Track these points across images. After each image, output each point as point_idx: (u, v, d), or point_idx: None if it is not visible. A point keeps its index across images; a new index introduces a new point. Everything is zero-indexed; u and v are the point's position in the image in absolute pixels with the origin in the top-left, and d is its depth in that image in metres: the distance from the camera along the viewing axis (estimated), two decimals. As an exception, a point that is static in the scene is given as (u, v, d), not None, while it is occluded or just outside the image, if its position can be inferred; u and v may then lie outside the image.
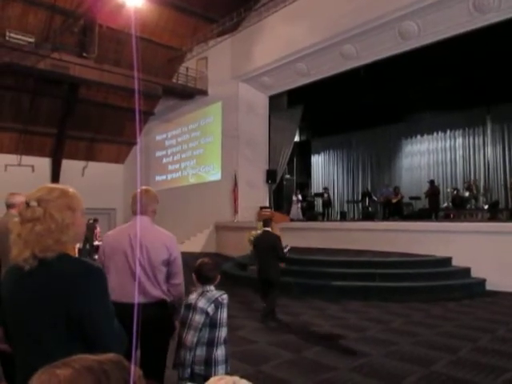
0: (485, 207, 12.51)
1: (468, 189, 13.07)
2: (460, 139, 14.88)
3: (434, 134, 15.46)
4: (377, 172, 17.07)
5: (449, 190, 14.08)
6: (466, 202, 13.02)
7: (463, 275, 7.90)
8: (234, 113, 14.39)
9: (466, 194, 13.07)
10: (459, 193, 13.19)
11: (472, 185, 13.06)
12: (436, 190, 12.87)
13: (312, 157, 19.12)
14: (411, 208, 14.43)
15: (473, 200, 13.05)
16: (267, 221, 6.28)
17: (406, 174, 16.08)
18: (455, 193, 13.18)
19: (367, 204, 15.38)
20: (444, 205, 13.78)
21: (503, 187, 13.55)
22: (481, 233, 8.10)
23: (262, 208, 13.59)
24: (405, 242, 8.99)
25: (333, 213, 16.80)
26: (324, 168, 19.06)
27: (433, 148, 15.53)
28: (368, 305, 6.71)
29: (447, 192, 14.25)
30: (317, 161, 19.22)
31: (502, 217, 11.46)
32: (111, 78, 13.44)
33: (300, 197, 15.06)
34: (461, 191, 13.35)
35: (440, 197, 13.33)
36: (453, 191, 13.41)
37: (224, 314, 2.46)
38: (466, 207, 12.91)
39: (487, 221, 10.28)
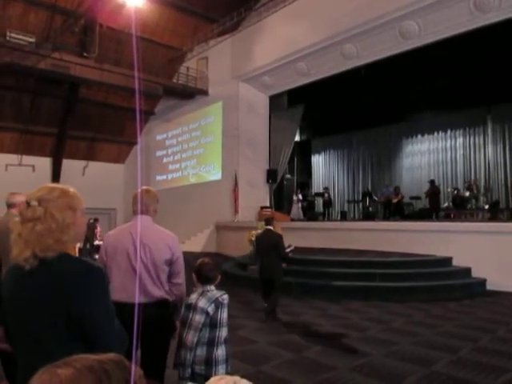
0: (485, 207, 12.50)
1: (468, 189, 13.06)
2: (460, 139, 14.87)
3: (435, 134, 15.45)
4: (377, 172, 17.06)
5: (449, 190, 14.08)
6: (467, 202, 13.02)
7: (464, 275, 7.90)
8: (235, 112, 14.38)
9: (467, 194, 13.06)
10: (460, 193, 13.19)
11: (472, 185, 13.05)
12: (436, 190, 12.86)
13: (312, 156, 19.12)
14: (412, 208, 14.43)
15: (473, 200, 13.04)
16: (269, 219, 6.24)
17: (407, 174, 16.08)
18: (456, 193, 13.18)
19: (368, 204, 15.37)
20: (444, 205, 13.78)
21: (504, 187, 13.55)
22: (481, 233, 8.10)
23: (263, 208, 13.59)
24: (405, 242, 8.99)
25: (333, 213, 16.81)
26: (324, 168, 19.06)
27: (433, 148, 15.52)
28: (368, 305, 6.71)
29: (448, 192, 14.26)
30: (317, 160, 19.22)
31: (503, 217, 11.44)
32: (112, 78, 13.45)
33: (300, 196, 15.07)
34: (461, 191, 13.35)
35: (440, 197, 13.35)
36: (453, 191, 13.40)
37: (224, 314, 2.46)
38: (467, 207, 12.90)
39: (488, 221, 10.27)
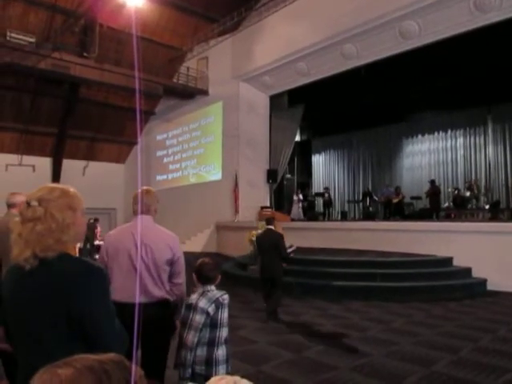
0: (486, 207, 12.50)
1: (469, 189, 13.06)
2: (461, 139, 14.86)
3: (435, 134, 15.44)
4: (377, 172, 17.05)
5: (450, 190, 14.07)
6: (467, 202, 13.01)
7: (464, 275, 7.90)
8: (235, 112, 14.38)
9: (467, 194, 13.06)
10: (460, 193, 13.18)
11: (473, 185, 13.04)
12: (437, 190, 12.85)
13: (313, 156, 19.11)
14: (412, 208, 14.42)
15: (474, 200, 13.04)
16: (270, 219, 6.24)
17: (407, 174, 16.07)
18: (456, 193, 13.17)
19: (368, 204, 15.36)
20: (445, 205, 13.77)
21: (504, 187, 13.54)
22: (482, 233, 8.10)
23: (263, 208, 13.59)
24: (406, 242, 8.98)
25: (334, 213, 16.81)
26: (325, 168, 19.06)
27: (434, 148, 15.51)
28: (369, 305, 6.71)
29: (448, 192, 14.25)
30: (317, 160, 19.21)
31: (503, 217, 11.43)
32: (112, 78, 13.45)
33: (301, 196, 15.07)
34: (462, 191, 13.34)
35: (441, 197, 13.33)
36: (454, 191, 13.39)
37: (225, 314, 2.46)
38: (467, 207, 12.90)
39: (488, 221, 10.27)
